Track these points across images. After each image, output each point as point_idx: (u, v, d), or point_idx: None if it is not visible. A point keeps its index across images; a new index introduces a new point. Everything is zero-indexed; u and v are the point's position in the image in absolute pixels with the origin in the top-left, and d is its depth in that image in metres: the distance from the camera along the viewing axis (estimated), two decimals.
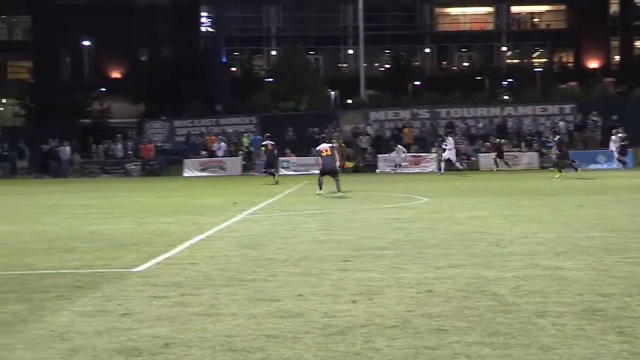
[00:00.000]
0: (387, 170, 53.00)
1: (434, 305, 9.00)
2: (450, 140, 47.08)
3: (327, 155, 29.16)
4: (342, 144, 49.16)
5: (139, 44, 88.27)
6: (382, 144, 57.29)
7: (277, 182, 38.91)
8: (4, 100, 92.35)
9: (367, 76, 77.12)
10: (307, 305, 9.17)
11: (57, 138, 57.44)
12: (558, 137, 42.64)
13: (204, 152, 58.31)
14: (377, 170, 53.08)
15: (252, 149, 56.98)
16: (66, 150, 56.81)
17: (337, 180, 28.98)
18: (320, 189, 28.68)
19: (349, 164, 25.93)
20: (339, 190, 28.53)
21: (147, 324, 8.37)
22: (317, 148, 30.10)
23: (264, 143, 41.93)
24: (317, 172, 29.82)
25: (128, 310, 9.07)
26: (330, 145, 30.34)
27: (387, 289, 10.05)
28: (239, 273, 11.43)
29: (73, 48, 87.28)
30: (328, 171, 29.18)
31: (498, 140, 52.17)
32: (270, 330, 8.00)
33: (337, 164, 29.74)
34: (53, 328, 8.30)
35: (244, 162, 55.96)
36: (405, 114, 60.63)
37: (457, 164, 47.55)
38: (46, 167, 55.70)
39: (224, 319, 8.54)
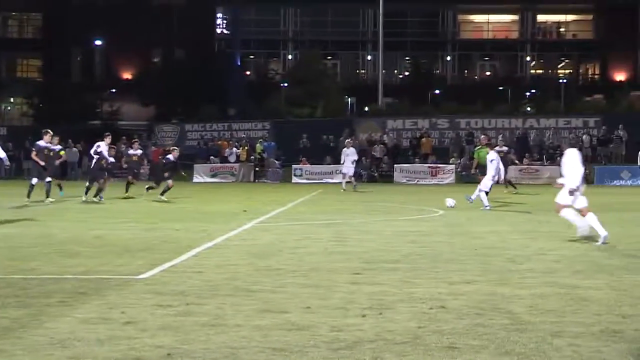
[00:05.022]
0: (404, 181, 52.62)
1: (446, 322, 8.77)
2: None
3: None
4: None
5: (152, 44, 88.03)
6: (399, 154, 56.94)
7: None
8: (12, 99, 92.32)
9: (386, 83, 76.86)
10: (316, 318, 8.96)
11: (65, 139, 57.11)
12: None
13: (213, 158, 58.01)
14: None
15: (265, 155, 56.77)
16: (74, 152, 56.04)
17: None
18: None
19: None
20: None
21: (150, 333, 8.19)
22: None
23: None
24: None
25: (131, 318, 8.89)
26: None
27: (399, 303, 9.81)
28: (246, 283, 11.21)
29: (84, 47, 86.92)
30: None
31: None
32: (276, 343, 7.81)
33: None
34: (53, 335, 8.11)
35: (256, 169, 55.70)
36: (424, 123, 60.14)
37: None
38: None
39: (229, 330, 8.34)
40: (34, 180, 28.02)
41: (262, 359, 7.26)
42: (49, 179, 28.64)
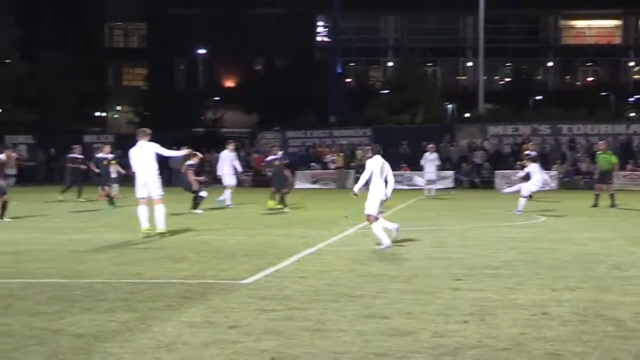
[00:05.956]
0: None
1: (550, 329, 8.71)
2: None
3: None
4: None
5: (254, 53, 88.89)
6: (501, 160, 56.27)
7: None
8: (118, 107, 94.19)
9: (486, 89, 75.89)
10: (417, 324, 8.99)
11: (170, 147, 57.63)
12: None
13: (314, 164, 58.26)
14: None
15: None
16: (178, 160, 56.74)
17: None
18: None
19: None
20: None
21: (254, 337, 8.33)
22: None
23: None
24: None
25: (235, 322, 9.04)
26: None
27: (500, 309, 9.77)
28: (348, 288, 11.28)
29: (188, 56, 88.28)
30: None
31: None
32: (378, 349, 7.86)
33: None
34: (160, 338, 8.33)
35: (357, 175, 55.65)
36: (525, 129, 58.98)
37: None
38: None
39: (332, 335, 8.43)
40: (204, 193, 27.97)
41: None
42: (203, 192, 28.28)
